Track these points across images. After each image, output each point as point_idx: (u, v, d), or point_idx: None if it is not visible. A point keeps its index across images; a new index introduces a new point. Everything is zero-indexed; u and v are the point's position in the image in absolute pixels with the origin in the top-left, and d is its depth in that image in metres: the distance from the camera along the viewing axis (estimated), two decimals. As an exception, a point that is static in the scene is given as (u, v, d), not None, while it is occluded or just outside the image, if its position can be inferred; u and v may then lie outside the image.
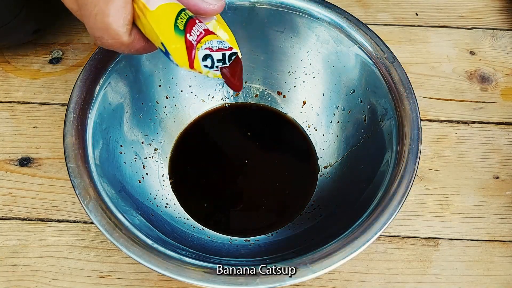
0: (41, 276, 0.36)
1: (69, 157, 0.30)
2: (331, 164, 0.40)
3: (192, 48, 0.25)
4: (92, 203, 0.29)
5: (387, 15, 0.52)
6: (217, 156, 0.42)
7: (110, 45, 0.26)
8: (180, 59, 0.25)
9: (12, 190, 0.40)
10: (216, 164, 0.41)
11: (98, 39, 0.26)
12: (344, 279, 0.37)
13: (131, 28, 0.26)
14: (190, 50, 0.25)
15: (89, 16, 0.25)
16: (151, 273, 0.37)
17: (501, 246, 0.39)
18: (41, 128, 0.43)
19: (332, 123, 0.41)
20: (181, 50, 0.25)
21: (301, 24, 0.39)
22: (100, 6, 0.24)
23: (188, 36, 0.25)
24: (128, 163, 0.36)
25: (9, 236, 0.38)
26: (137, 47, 0.27)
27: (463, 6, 0.53)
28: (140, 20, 0.26)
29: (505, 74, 0.48)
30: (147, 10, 0.25)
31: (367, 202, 0.31)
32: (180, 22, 0.25)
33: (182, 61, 0.25)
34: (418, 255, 0.38)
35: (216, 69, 0.26)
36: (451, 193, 0.41)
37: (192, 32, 0.25)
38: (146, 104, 0.39)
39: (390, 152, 0.33)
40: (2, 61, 0.47)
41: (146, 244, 0.28)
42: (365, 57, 0.36)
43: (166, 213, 0.36)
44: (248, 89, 0.44)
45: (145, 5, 0.25)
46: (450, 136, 0.44)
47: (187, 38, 0.25)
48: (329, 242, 0.29)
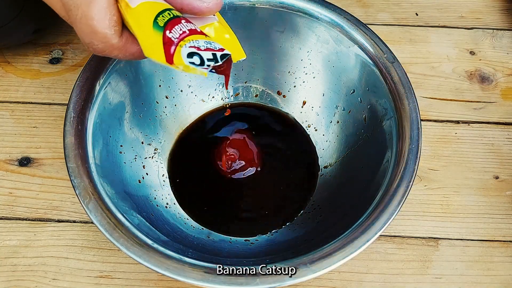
0: (41, 276, 0.36)
1: (69, 157, 0.30)
2: (331, 164, 0.40)
3: (171, 44, 0.25)
4: (92, 203, 0.29)
5: (387, 15, 0.52)
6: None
7: (101, 50, 0.26)
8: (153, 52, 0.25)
9: (12, 190, 0.40)
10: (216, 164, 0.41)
11: (89, 45, 0.26)
12: (344, 279, 0.37)
13: (121, 30, 0.26)
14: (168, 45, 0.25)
15: (75, 21, 0.25)
16: (151, 273, 0.37)
17: (501, 246, 0.39)
18: (41, 128, 0.43)
19: (332, 123, 0.41)
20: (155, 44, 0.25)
21: (301, 24, 0.39)
22: (83, 9, 0.24)
23: (167, 32, 0.25)
24: (128, 163, 0.36)
25: (9, 236, 0.38)
26: (131, 50, 0.27)
27: (463, 6, 0.53)
28: (126, 20, 0.25)
29: (505, 74, 0.48)
30: (128, 7, 0.25)
31: (367, 202, 0.31)
32: (161, 20, 0.25)
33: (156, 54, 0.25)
34: (418, 255, 0.38)
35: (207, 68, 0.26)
36: (451, 193, 0.41)
37: (174, 30, 0.25)
38: (146, 104, 0.39)
39: (390, 152, 0.33)
40: (2, 61, 0.47)
41: (146, 244, 0.28)
42: (365, 57, 0.36)
43: (166, 213, 0.36)
44: (248, 89, 0.44)
45: (127, 4, 0.25)
46: (450, 136, 0.44)
47: (166, 35, 0.25)
48: (329, 242, 0.29)
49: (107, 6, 0.24)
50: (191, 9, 0.26)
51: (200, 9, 0.26)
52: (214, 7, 0.26)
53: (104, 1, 0.24)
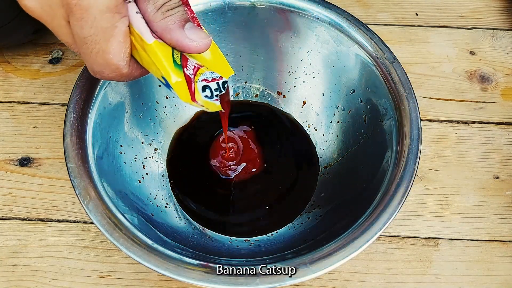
0: (41, 276, 0.36)
1: (69, 157, 0.30)
2: (331, 164, 0.40)
3: (191, 82, 0.25)
4: (92, 203, 0.29)
5: (387, 15, 0.52)
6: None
7: (110, 78, 0.26)
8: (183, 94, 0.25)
9: (12, 190, 0.40)
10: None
11: (98, 73, 0.26)
12: (344, 279, 0.37)
13: (130, 59, 0.26)
14: (189, 84, 0.25)
15: (89, 54, 0.25)
16: (151, 273, 0.37)
17: (501, 246, 0.39)
18: (41, 128, 0.43)
19: (332, 123, 0.41)
20: (182, 84, 0.25)
21: (301, 24, 0.39)
22: (101, 45, 0.24)
23: (185, 70, 0.25)
24: (128, 163, 0.36)
25: (9, 236, 0.38)
26: (135, 74, 0.27)
27: (463, 6, 0.53)
28: (137, 51, 0.26)
29: (505, 74, 0.48)
30: (144, 43, 0.25)
31: (367, 202, 0.31)
32: (177, 57, 0.25)
33: (185, 96, 0.25)
34: (418, 255, 0.38)
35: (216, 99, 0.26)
36: (451, 193, 0.41)
37: (188, 66, 0.25)
38: (146, 104, 0.39)
39: (390, 152, 0.33)
40: (2, 61, 0.47)
41: (146, 244, 0.28)
42: (365, 57, 0.36)
43: (166, 213, 0.36)
44: (248, 89, 0.44)
45: (142, 38, 0.25)
46: (450, 136, 0.44)
47: (185, 73, 0.25)
48: (329, 242, 0.29)
49: (123, 41, 0.25)
50: (181, 46, 0.25)
51: (189, 47, 0.25)
52: (203, 47, 0.26)
53: (121, 36, 0.25)
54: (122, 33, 0.25)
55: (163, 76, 0.25)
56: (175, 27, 0.25)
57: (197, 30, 0.26)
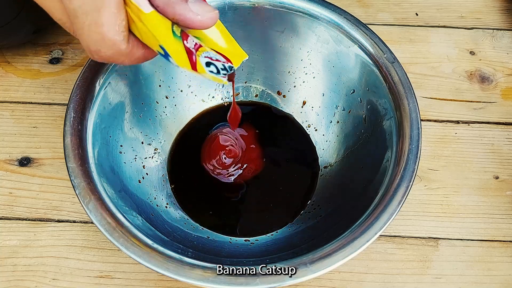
0: (41, 276, 0.36)
1: (69, 157, 0.30)
2: (331, 164, 0.40)
3: (192, 54, 0.25)
4: (92, 203, 0.29)
5: (387, 15, 0.52)
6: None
7: (108, 57, 0.25)
8: (181, 60, 0.25)
9: (12, 190, 0.40)
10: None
11: (95, 53, 0.25)
12: (344, 279, 0.37)
13: (128, 35, 0.25)
14: (190, 54, 0.25)
15: (82, 29, 0.24)
16: (151, 273, 0.37)
17: (501, 246, 0.39)
18: (41, 128, 0.43)
19: (332, 123, 0.41)
20: (181, 52, 0.25)
21: (301, 24, 0.39)
22: (92, 15, 0.23)
23: (185, 42, 0.25)
24: (128, 163, 0.36)
25: (9, 236, 0.38)
26: (136, 55, 0.26)
27: (463, 6, 0.53)
28: (135, 24, 0.25)
29: (505, 74, 0.48)
30: (141, 13, 0.24)
31: (367, 202, 0.31)
32: (176, 29, 0.25)
33: (183, 62, 0.25)
34: (418, 255, 0.38)
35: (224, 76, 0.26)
36: (451, 193, 0.41)
37: (188, 40, 0.25)
38: (146, 104, 0.39)
39: (390, 152, 0.33)
40: (2, 61, 0.47)
41: (146, 244, 0.28)
42: (365, 57, 0.36)
43: (166, 213, 0.36)
44: (248, 89, 0.44)
45: (139, 8, 0.24)
46: (450, 136, 0.44)
47: (185, 45, 0.25)
48: (329, 242, 0.29)
49: (117, 11, 0.23)
50: (183, 20, 0.24)
51: (192, 21, 0.24)
52: (208, 21, 0.24)
53: (113, 6, 0.23)
54: (114, 2, 0.23)
55: (161, 45, 0.24)
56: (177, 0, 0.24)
57: (202, 3, 0.24)
